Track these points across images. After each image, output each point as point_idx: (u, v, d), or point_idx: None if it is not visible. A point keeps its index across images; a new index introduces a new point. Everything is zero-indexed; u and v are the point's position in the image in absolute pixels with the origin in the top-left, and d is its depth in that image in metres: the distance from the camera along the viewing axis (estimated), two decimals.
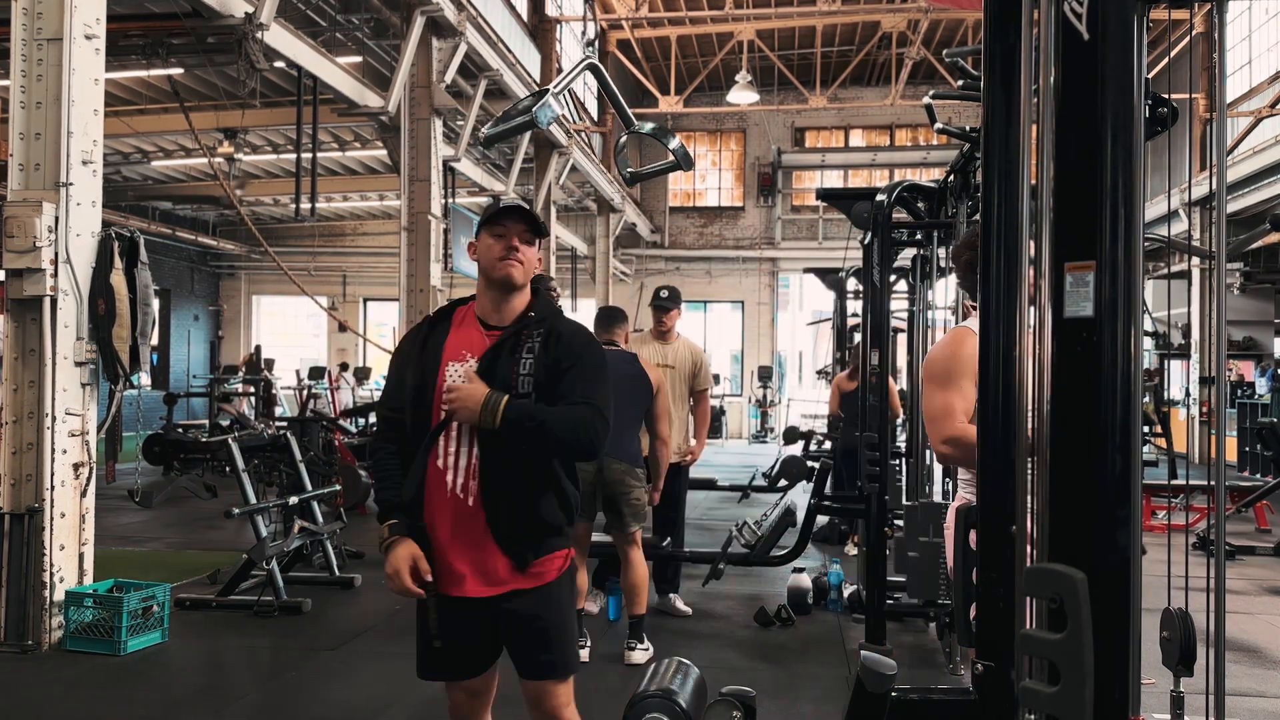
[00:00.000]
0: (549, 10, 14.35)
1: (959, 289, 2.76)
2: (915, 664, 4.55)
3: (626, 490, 4.46)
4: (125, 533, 7.88)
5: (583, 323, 2.53)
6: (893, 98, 16.17)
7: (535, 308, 2.37)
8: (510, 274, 2.29)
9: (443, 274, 8.64)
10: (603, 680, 4.27)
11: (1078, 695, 1.54)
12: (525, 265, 2.31)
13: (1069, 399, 1.68)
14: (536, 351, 2.28)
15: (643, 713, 1.93)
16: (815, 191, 11.38)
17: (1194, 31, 2.41)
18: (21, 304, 4.55)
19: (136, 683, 4.14)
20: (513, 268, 2.29)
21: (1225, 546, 1.77)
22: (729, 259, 20.97)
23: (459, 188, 12.31)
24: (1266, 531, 8.57)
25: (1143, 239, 1.70)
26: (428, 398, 2.27)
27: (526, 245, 2.31)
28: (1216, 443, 1.79)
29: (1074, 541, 1.66)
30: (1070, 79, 1.67)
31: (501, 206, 2.35)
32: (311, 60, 7.37)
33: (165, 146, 14.46)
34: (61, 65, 4.54)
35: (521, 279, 2.32)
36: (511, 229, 2.30)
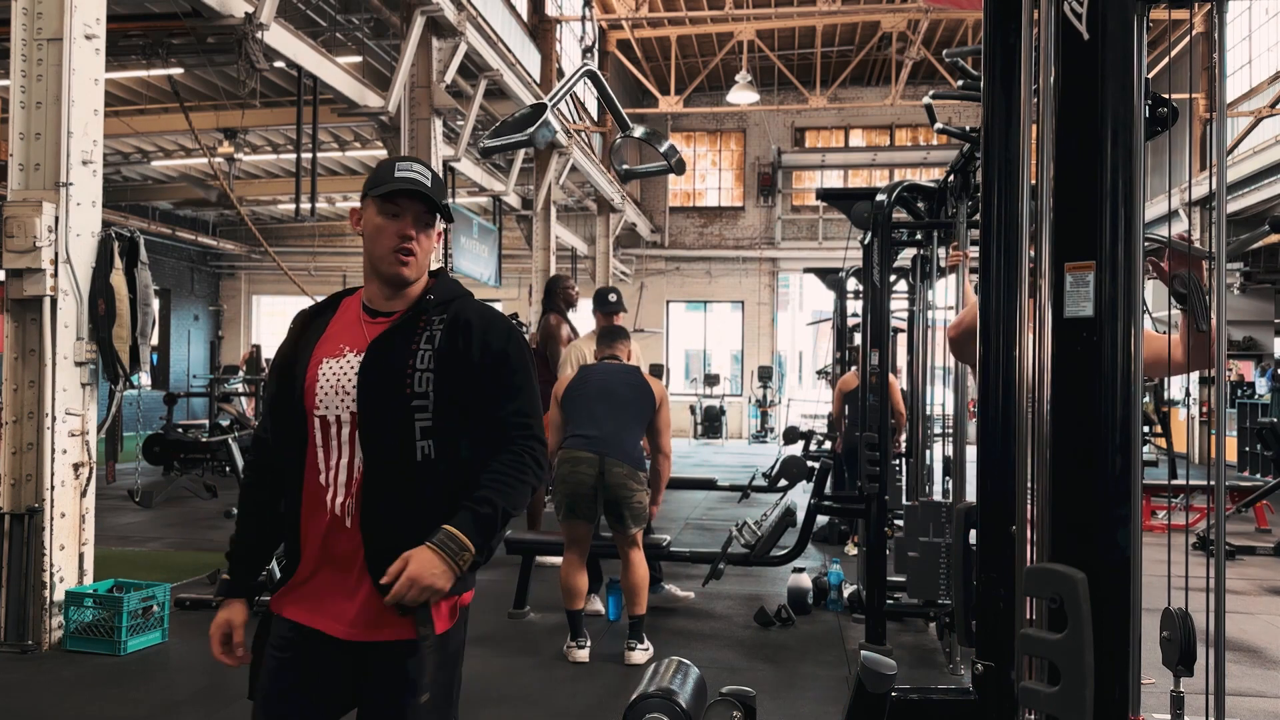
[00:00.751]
0: (549, 10, 14.35)
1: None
2: (915, 664, 4.55)
3: (629, 493, 4.46)
4: (125, 533, 7.88)
5: (497, 309, 2.08)
6: (893, 98, 16.17)
7: (435, 289, 1.96)
8: (402, 274, 1.89)
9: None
10: (603, 680, 4.27)
11: (1078, 695, 1.54)
12: (421, 258, 1.90)
13: (1069, 399, 1.68)
14: (438, 342, 1.86)
15: (643, 713, 1.92)
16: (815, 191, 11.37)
17: (1194, 31, 2.41)
18: (21, 304, 4.55)
19: (136, 683, 4.14)
20: (405, 268, 1.88)
21: (1225, 546, 1.77)
22: (729, 259, 20.97)
23: (459, 188, 12.32)
24: (1266, 531, 8.57)
25: (1143, 239, 1.70)
26: (296, 403, 1.87)
27: (424, 232, 1.90)
28: (1216, 443, 1.79)
29: (1074, 541, 1.66)
30: (1070, 79, 1.67)
31: (396, 177, 1.89)
32: (311, 60, 7.37)
33: (165, 146, 14.46)
34: (61, 65, 4.54)
35: (415, 276, 1.92)
36: (406, 210, 1.88)
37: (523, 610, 5.31)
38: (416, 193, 1.87)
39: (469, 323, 1.89)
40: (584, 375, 4.78)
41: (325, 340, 1.93)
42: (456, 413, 1.86)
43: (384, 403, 1.83)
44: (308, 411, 1.86)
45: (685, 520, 8.83)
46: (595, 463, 4.41)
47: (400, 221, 1.88)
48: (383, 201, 1.88)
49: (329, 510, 1.83)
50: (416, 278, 1.92)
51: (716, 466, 13.97)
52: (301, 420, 1.87)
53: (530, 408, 1.90)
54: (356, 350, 1.88)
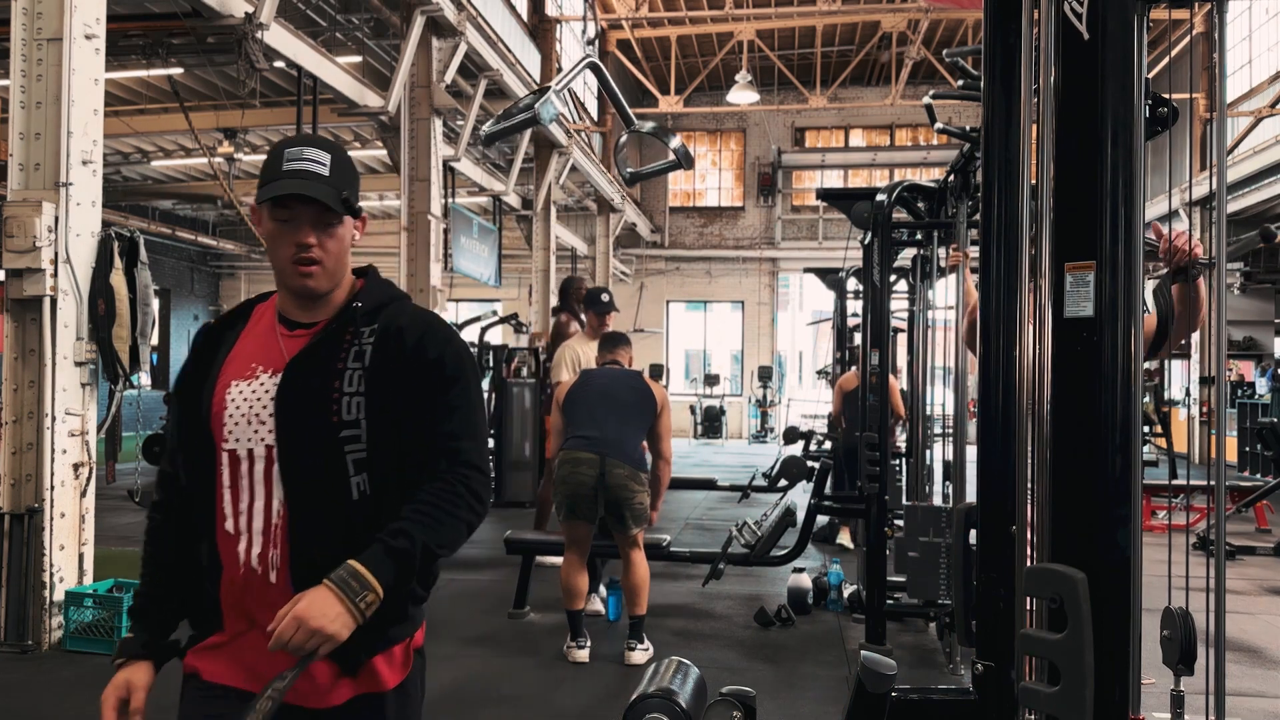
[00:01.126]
0: (549, 10, 14.35)
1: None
2: (915, 664, 4.55)
3: (630, 494, 4.45)
4: (125, 533, 7.88)
5: (435, 313, 1.77)
6: (893, 98, 16.17)
7: (363, 295, 1.66)
8: (307, 287, 1.59)
9: (443, 274, 8.64)
10: (603, 680, 4.27)
11: (1078, 695, 1.54)
12: (330, 263, 1.60)
13: (1069, 399, 1.68)
14: (368, 359, 1.58)
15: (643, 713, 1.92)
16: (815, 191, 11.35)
17: (1194, 31, 2.41)
18: (21, 304, 4.55)
19: None
20: (309, 280, 1.59)
21: (1225, 546, 1.77)
22: (729, 259, 20.97)
23: (459, 187, 12.31)
24: (1266, 531, 8.57)
25: (1143, 239, 1.70)
26: (202, 433, 1.58)
27: (327, 235, 1.58)
28: (1216, 443, 1.79)
29: (1074, 541, 1.66)
30: (1070, 79, 1.67)
31: (282, 172, 1.57)
32: (311, 60, 7.37)
33: (165, 146, 14.46)
34: (61, 65, 4.54)
35: (327, 287, 1.62)
36: (301, 215, 1.56)
37: (523, 610, 5.31)
38: (303, 194, 1.55)
39: (401, 331, 1.61)
40: (585, 378, 4.78)
41: (234, 358, 1.63)
42: (393, 440, 1.58)
43: (307, 433, 1.55)
44: (215, 444, 1.57)
45: (685, 520, 8.83)
46: (596, 463, 4.41)
47: (294, 228, 1.57)
48: (272, 206, 1.57)
49: (241, 563, 1.54)
50: (330, 288, 1.62)
51: (716, 466, 13.97)
52: (208, 455, 1.57)
53: (466, 429, 1.62)
54: (272, 370, 1.59)
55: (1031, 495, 1.83)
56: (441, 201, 8.60)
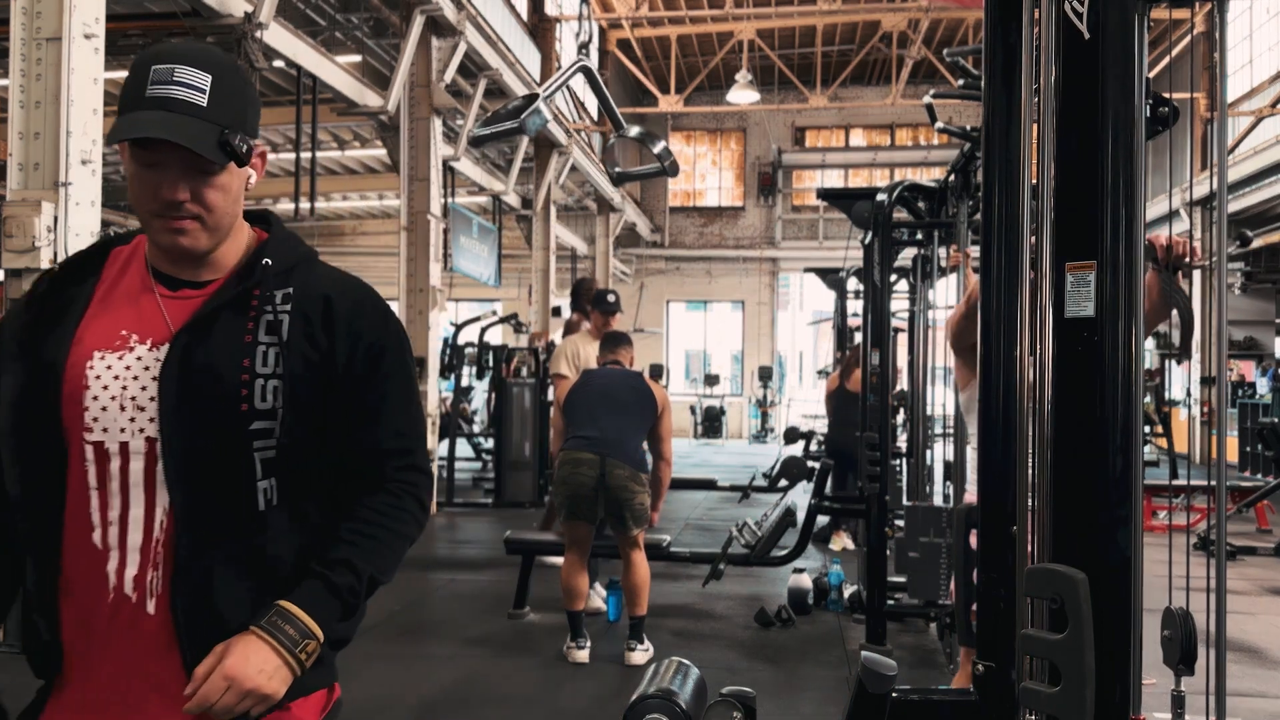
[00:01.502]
0: (549, 9, 14.35)
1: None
2: (915, 664, 4.55)
3: (630, 495, 4.45)
4: None
5: (358, 278, 1.40)
6: (893, 97, 16.17)
7: (270, 249, 1.31)
8: (179, 245, 1.24)
9: (442, 274, 8.64)
10: (603, 680, 4.27)
11: (1078, 696, 1.53)
12: (211, 219, 1.24)
13: (1069, 399, 1.67)
14: (287, 334, 1.26)
15: (643, 713, 1.92)
16: (816, 191, 11.35)
17: (1195, 31, 2.40)
18: None
19: None
20: (183, 238, 1.23)
21: (1226, 546, 1.77)
22: (729, 259, 20.97)
23: (458, 187, 12.31)
24: (1267, 531, 8.57)
25: (1144, 239, 1.70)
26: (45, 420, 1.22)
27: (206, 185, 1.22)
28: (1217, 443, 1.78)
29: (1074, 541, 1.65)
30: (1071, 78, 1.67)
31: (147, 97, 1.18)
32: (311, 60, 7.37)
33: None
34: (61, 65, 4.53)
35: (207, 246, 1.26)
36: (169, 160, 1.19)
37: (522, 610, 5.30)
38: (169, 138, 1.17)
39: (328, 301, 1.30)
40: (586, 378, 4.78)
41: (94, 320, 1.26)
42: (313, 436, 1.28)
43: (205, 423, 1.22)
44: (70, 434, 1.22)
45: (685, 520, 8.83)
46: (596, 464, 4.41)
47: (159, 176, 1.20)
48: (131, 145, 1.19)
49: (110, 587, 1.22)
50: (212, 245, 1.27)
51: (716, 467, 13.97)
52: (55, 447, 1.22)
53: (412, 427, 1.37)
54: (151, 341, 1.24)
55: (1031, 495, 1.82)
56: (441, 201, 8.60)
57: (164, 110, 1.18)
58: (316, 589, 1.24)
